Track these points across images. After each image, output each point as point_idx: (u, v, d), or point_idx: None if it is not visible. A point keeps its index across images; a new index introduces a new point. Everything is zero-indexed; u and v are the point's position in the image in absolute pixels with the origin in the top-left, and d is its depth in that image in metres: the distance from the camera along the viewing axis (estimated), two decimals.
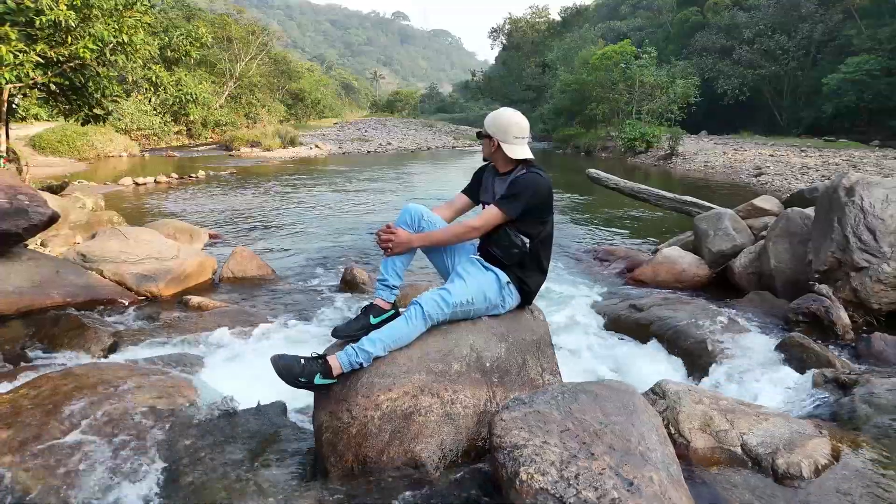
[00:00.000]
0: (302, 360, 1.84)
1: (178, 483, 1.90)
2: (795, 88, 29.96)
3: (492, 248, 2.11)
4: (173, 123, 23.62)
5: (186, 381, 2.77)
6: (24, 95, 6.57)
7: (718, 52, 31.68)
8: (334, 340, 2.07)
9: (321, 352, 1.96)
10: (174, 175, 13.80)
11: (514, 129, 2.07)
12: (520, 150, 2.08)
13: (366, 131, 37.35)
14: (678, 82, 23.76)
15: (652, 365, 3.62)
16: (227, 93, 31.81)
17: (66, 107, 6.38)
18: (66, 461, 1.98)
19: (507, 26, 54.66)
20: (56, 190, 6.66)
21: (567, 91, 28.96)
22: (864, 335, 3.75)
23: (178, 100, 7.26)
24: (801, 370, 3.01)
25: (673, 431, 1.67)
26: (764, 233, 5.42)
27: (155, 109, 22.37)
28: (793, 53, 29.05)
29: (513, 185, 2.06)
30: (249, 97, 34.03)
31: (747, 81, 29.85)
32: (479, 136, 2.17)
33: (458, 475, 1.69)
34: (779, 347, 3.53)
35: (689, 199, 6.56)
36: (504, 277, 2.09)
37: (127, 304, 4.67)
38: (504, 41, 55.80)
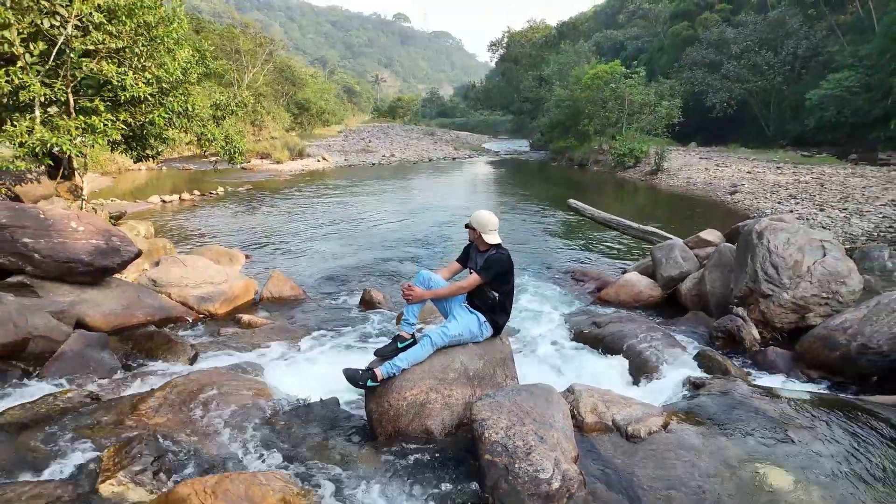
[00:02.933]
0: (360, 371, 3.06)
1: (279, 447, 3.09)
2: (781, 102, 31.07)
3: (475, 299, 3.32)
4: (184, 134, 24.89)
5: (263, 382, 3.97)
6: None
7: (708, 66, 32.86)
8: (371, 353, 3.30)
9: (369, 365, 3.17)
10: (196, 192, 15.02)
11: (489, 225, 3.27)
12: (492, 238, 3.28)
13: (369, 141, 38.61)
14: (663, 103, 24.99)
15: (601, 369, 4.78)
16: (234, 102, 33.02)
17: (125, 150, 7.58)
18: (207, 431, 3.17)
19: (506, 40, 55.99)
20: (115, 220, 7.84)
21: (561, 106, 30.22)
22: (762, 349, 4.96)
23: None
24: (708, 373, 4.21)
25: (575, 413, 2.86)
26: (706, 261, 6.60)
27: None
28: (778, 69, 30.20)
29: (487, 260, 3.27)
30: (255, 105, 35.23)
31: (735, 95, 31.00)
32: (467, 226, 3.38)
33: (452, 437, 2.90)
34: (695, 357, 4.74)
35: (650, 228, 7.75)
36: (482, 318, 3.29)
37: (191, 321, 5.86)
38: (503, 53, 57.14)
